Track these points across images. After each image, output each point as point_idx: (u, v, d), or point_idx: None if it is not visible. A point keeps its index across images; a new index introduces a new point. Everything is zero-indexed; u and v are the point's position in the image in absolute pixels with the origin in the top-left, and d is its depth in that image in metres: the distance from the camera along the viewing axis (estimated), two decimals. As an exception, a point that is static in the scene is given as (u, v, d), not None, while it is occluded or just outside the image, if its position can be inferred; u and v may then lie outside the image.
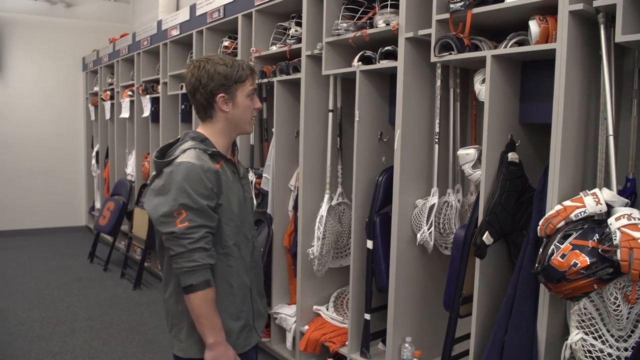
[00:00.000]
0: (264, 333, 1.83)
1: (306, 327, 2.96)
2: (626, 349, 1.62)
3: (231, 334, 1.63)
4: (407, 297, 2.45)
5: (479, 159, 2.08)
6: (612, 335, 1.65)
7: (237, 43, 3.53)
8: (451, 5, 2.04)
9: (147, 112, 4.81)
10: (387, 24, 2.36)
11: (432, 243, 2.32)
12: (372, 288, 2.57)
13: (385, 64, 2.41)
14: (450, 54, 2.09)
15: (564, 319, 1.86)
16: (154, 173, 1.63)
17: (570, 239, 1.62)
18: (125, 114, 5.35)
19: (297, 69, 2.95)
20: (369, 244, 2.52)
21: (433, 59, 2.17)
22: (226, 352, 1.58)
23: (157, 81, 4.74)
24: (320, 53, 2.73)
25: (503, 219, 2.00)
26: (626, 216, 1.57)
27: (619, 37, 1.58)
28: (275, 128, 3.15)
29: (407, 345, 2.41)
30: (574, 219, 1.66)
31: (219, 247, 1.60)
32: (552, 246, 1.64)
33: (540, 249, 1.72)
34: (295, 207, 3.07)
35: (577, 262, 1.57)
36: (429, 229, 2.33)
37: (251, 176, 3.32)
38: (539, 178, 1.94)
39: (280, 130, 3.15)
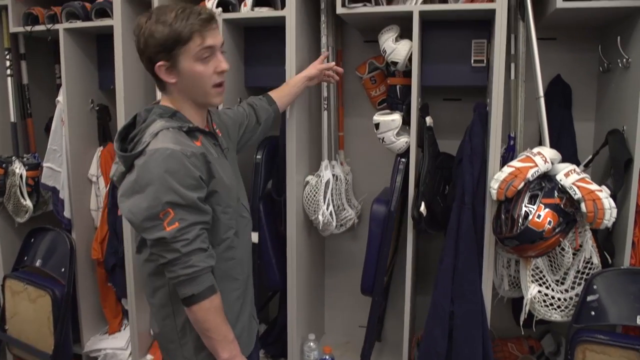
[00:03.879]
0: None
1: (149, 356, 2.28)
2: (567, 290, 1.78)
3: (241, 335, 1.42)
4: (305, 289, 2.13)
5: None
6: (552, 281, 1.79)
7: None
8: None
9: None
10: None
11: (334, 223, 2.06)
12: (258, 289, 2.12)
13: (265, 12, 1.95)
14: (366, 5, 1.82)
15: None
16: (122, 169, 1.26)
17: (539, 199, 1.65)
18: None
19: (104, 13, 2.12)
20: (254, 237, 2.06)
21: (340, 10, 1.85)
22: None
23: None
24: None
25: (430, 186, 1.91)
26: (573, 171, 1.68)
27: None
28: (64, 97, 2.22)
29: (311, 344, 2.11)
30: (530, 179, 1.69)
31: (217, 241, 1.34)
32: (524, 208, 1.64)
33: (502, 214, 1.71)
34: (111, 205, 2.27)
35: (551, 220, 1.61)
36: (328, 208, 2.05)
37: (19, 169, 2.31)
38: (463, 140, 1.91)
39: (73, 100, 2.25)
